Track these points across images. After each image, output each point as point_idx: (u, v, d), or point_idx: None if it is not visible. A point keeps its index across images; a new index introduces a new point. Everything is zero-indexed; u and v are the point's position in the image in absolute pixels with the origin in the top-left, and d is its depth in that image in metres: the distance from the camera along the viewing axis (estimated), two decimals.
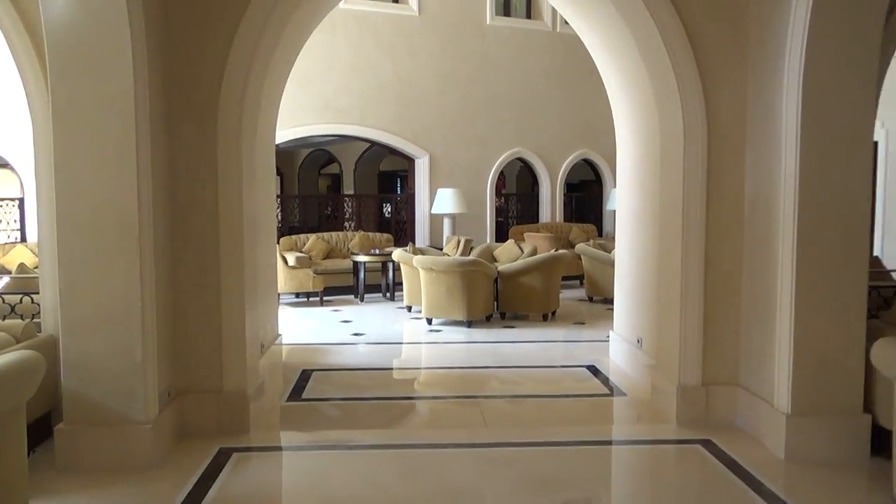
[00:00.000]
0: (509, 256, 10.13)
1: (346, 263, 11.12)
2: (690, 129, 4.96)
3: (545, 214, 14.07)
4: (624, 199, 6.77)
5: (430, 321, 8.80)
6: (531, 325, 8.86)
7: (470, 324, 8.58)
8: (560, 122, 13.81)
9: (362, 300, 10.65)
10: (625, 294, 6.75)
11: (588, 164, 14.59)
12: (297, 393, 5.85)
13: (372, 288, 11.09)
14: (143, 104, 4.16)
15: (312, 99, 11.84)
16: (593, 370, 6.57)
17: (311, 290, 10.16)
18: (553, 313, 9.24)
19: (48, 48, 4.02)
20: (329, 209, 15.31)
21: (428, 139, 12.75)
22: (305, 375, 6.37)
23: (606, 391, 5.99)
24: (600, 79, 6.83)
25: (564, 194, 14.34)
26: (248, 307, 5.02)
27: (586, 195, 16.46)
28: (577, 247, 10.95)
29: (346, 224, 13.93)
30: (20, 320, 4.91)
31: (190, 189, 4.77)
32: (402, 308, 9.87)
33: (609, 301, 10.16)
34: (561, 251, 9.29)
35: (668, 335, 5.29)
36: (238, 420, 4.83)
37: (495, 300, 9.13)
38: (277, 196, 17.18)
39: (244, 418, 4.84)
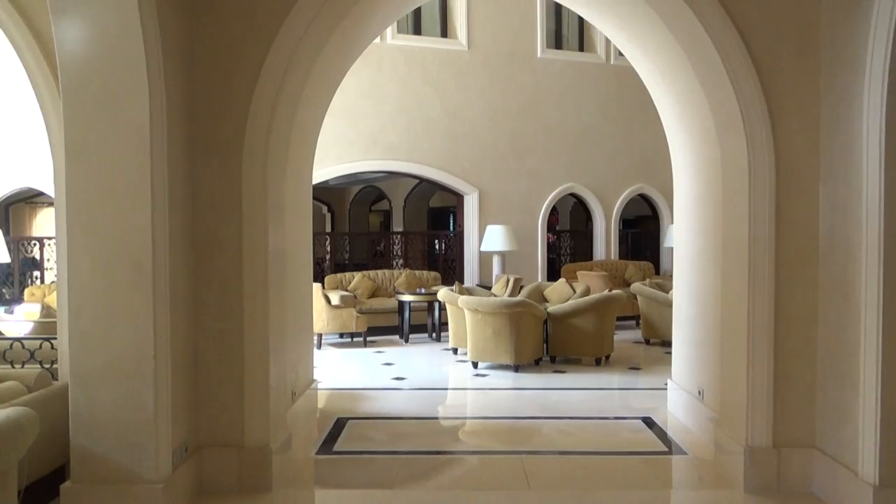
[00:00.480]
0: (560, 297, 9.65)
1: (392, 303, 10.79)
2: (756, 160, 4.50)
3: (599, 251, 13.54)
4: (682, 237, 6.28)
5: (475, 365, 8.36)
6: (583, 370, 8.34)
7: (517, 368, 8.11)
8: (614, 155, 13.34)
9: (407, 341, 10.27)
10: (683, 340, 6.21)
11: (644, 198, 14.04)
12: (329, 444, 5.48)
13: (417, 328, 10.72)
14: (160, 138, 3.91)
15: (360, 135, 11.67)
16: (649, 423, 6.03)
17: (355, 330, 9.84)
18: (607, 357, 8.70)
19: (62, 81, 3.82)
20: (382, 245, 15.04)
21: (477, 175, 12.43)
22: (340, 424, 5.99)
23: (664, 448, 5.45)
24: (656, 111, 6.40)
25: (620, 230, 13.79)
26: (275, 353, 4.71)
27: (643, 231, 15.87)
28: (633, 286, 10.41)
29: (395, 262, 13.66)
30: (38, 367, 4.69)
31: (213, 227, 4.50)
32: (448, 350, 9.44)
33: (667, 344, 9.56)
34: (615, 292, 8.77)
35: (734, 388, 4.77)
36: (260, 476, 4.47)
37: (545, 343, 8.65)
38: (327, 234, 17.07)
39: (267, 475, 4.48)
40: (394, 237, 14.26)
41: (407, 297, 10.33)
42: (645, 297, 9.99)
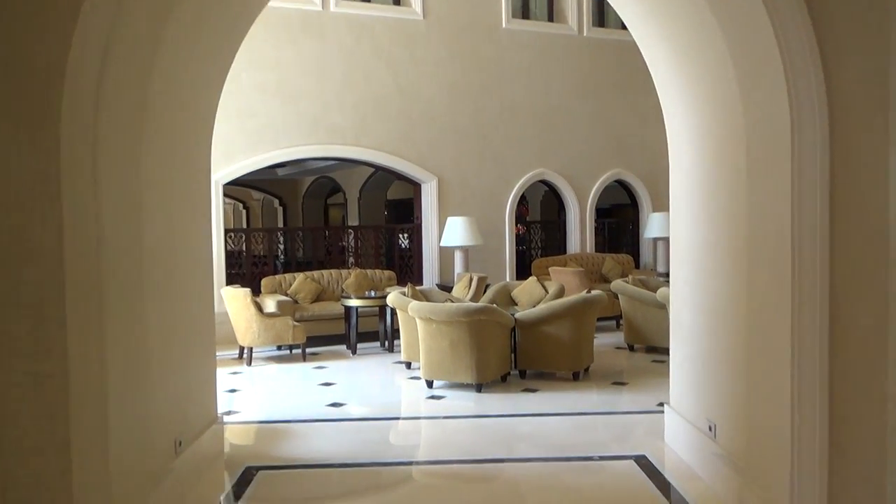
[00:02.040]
0: (531, 298, 8.32)
1: (339, 308, 9.35)
2: (802, 119, 3.20)
3: (573, 244, 12.23)
4: (681, 226, 4.97)
5: (430, 384, 6.99)
6: (558, 386, 6.99)
7: (480, 388, 6.74)
8: (589, 138, 12.00)
9: (354, 352, 8.85)
10: (686, 357, 4.90)
11: (621, 185, 12.74)
12: None
13: (368, 336, 9.31)
14: None
15: (299, 116, 10.17)
16: (645, 465, 4.71)
17: (292, 342, 8.40)
18: (586, 370, 7.38)
19: None
20: (343, 243, 13.50)
21: (435, 160, 11.03)
22: (247, 477, 4.60)
23: None
24: (633, 88, 5.29)
25: (595, 220, 12.49)
26: (128, 398, 3.33)
27: (620, 221, 14.59)
28: (613, 284, 9.08)
29: (348, 260, 12.21)
30: None
31: (18, 228, 3.06)
32: (401, 363, 8.04)
33: (654, 350, 8.37)
34: (594, 293, 7.44)
35: (767, 429, 3.48)
36: None
37: (513, 354, 7.29)
38: (281, 230, 15.56)
39: None
40: (345, 232, 12.80)
41: (353, 302, 8.90)
42: (628, 297, 8.69)
